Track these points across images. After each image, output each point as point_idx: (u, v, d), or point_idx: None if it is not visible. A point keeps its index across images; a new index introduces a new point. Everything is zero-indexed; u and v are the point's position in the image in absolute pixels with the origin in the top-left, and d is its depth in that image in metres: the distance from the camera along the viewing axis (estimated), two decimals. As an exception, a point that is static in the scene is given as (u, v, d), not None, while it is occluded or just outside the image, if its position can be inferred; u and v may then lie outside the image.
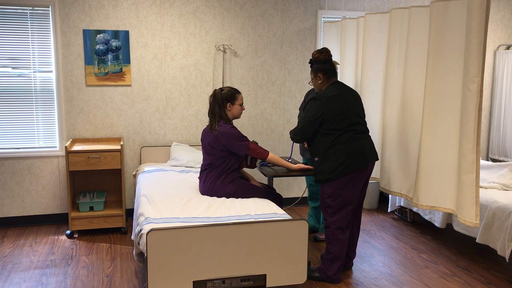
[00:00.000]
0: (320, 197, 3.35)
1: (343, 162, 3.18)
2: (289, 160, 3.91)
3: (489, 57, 5.66)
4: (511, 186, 3.83)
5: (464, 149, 3.00)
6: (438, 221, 4.05)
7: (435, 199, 3.30)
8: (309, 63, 3.45)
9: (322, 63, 3.36)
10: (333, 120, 3.19)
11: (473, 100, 2.91)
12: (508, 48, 5.63)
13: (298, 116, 4.19)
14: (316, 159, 3.33)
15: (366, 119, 4.06)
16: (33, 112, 4.48)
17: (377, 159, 3.35)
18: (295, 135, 3.34)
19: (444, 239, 4.28)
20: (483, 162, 4.28)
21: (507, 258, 3.35)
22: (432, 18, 3.17)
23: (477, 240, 3.60)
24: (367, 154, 3.24)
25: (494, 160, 5.71)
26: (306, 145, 3.80)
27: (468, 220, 3.00)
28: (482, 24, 2.81)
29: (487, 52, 5.65)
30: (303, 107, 4.10)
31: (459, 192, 3.07)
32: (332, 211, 3.28)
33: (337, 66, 4.39)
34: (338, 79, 4.57)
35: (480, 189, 3.87)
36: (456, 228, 3.85)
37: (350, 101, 3.26)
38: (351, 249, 3.55)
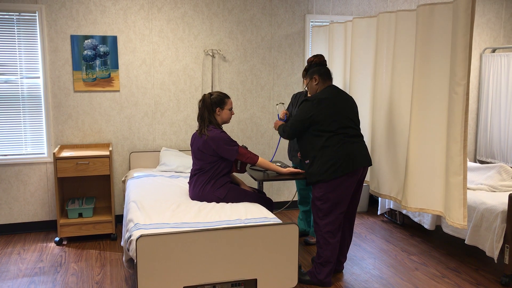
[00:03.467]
0: (311, 200, 3.37)
1: (333, 164, 3.19)
2: (278, 164, 3.91)
3: (475, 60, 5.73)
4: (498, 188, 3.87)
5: (451, 152, 3.02)
6: (427, 223, 4.08)
7: (424, 202, 3.32)
8: (305, 70, 3.54)
9: (318, 65, 3.46)
10: (323, 122, 3.21)
11: (460, 103, 2.94)
12: (493, 51, 5.70)
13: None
14: (307, 161, 3.34)
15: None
16: (21, 119, 4.44)
17: (370, 164, 3.35)
18: (284, 132, 3.42)
19: (434, 241, 4.31)
20: (470, 164, 4.32)
21: (495, 259, 3.38)
22: (418, 22, 3.21)
23: (466, 242, 3.63)
24: (357, 158, 3.24)
25: (481, 162, 5.77)
26: (299, 155, 3.80)
27: (456, 222, 3.03)
28: (468, 28, 2.85)
29: (473, 55, 5.72)
30: (291, 110, 4.12)
31: (447, 194, 3.10)
32: (322, 214, 3.29)
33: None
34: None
35: (468, 190, 3.91)
36: (445, 230, 3.88)
37: (341, 105, 3.27)
38: (342, 253, 3.56)
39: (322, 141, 3.23)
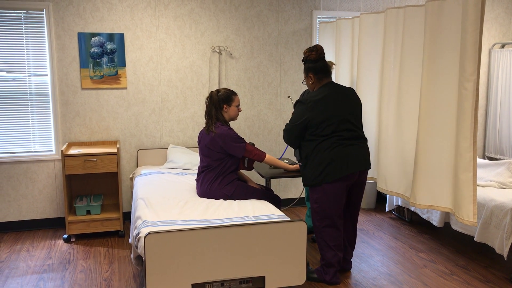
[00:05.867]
0: (310, 202, 3.32)
1: (324, 169, 3.10)
2: (286, 161, 3.90)
3: (484, 56, 5.68)
4: (508, 184, 3.84)
5: (461, 148, 3.00)
6: (436, 220, 4.06)
7: (433, 198, 3.30)
8: (302, 61, 3.33)
9: (313, 63, 3.24)
10: (317, 126, 3.10)
11: (469, 99, 2.91)
12: (503, 46, 5.65)
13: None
14: (300, 163, 3.30)
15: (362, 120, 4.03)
16: (29, 116, 4.46)
17: (366, 168, 3.22)
18: (283, 137, 3.32)
19: (442, 238, 4.28)
20: (480, 160, 4.29)
21: (505, 256, 3.36)
22: (427, 17, 3.18)
23: (475, 239, 3.60)
24: (349, 162, 3.11)
25: (490, 159, 5.73)
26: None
27: (465, 219, 3.00)
28: (477, 23, 2.82)
29: (482, 51, 5.67)
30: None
31: (457, 191, 3.07)
32: (319, 217, 3.24)
33: (333, 67, 4.38)
34: (335, 80, 4.57)
35: (478, 187, 3.88)
36: (454, 226, 3.85)
37: (340, 105, 3.14)
38: (348, 253, 3.53)
39: (314, 145, 3.14)
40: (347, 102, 3.19)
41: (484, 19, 5.62)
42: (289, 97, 4.36)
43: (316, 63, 3.24)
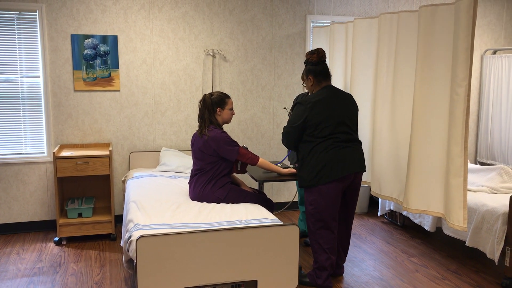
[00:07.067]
0: (305, 204, 3.33)
1: (321, 170, 3.12)
2: (279, 165, 3.91)
3: (476, 62, 5.72)
4: (499, 189, 3.86)
5: (452, 153, 3.02)
6: (428, 225, 4.07)
7: (425, 203, 3.31)
8: (304, 63, 3.39)
9: (313, 65, 3.29)
10: (315, 128, 3.14)
11: (461, 104, 2.93)
12: (494, 52, 5.70)
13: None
14: (296, 164, 3.31)
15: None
16: (20, 118, 4.43)
17: (361, 170, 3.25)
18: (282, 140, 3.34)
19: (434, 243, 4.30)
20: (471, 165, 4.32)
21: (496, 261, 3.38)
22: (420, 23, 3.20)
23: (466, 244, 3.62)
24: (346, 163, 3.14)
25: (482, 164, 5.77)
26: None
27: (456, 224, 3.02)
28: (469, 29, 2.84)
29: (474, 57, 5.72)
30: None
31: (448, 195, 3.09)
32: (314, 219, 3.24)
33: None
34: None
35: (469, 192, 3.90)
36: (446, 231, 3.87)
37: (336, 108, 3.18)
38: (340, 257, 3.53)
39: (311, 146, 3.17)
40: (345, 106, 3.24)
41: (476, 25, 5.67)
42: (285, 108, 4.40)
43: (316, 66, 3.29)
